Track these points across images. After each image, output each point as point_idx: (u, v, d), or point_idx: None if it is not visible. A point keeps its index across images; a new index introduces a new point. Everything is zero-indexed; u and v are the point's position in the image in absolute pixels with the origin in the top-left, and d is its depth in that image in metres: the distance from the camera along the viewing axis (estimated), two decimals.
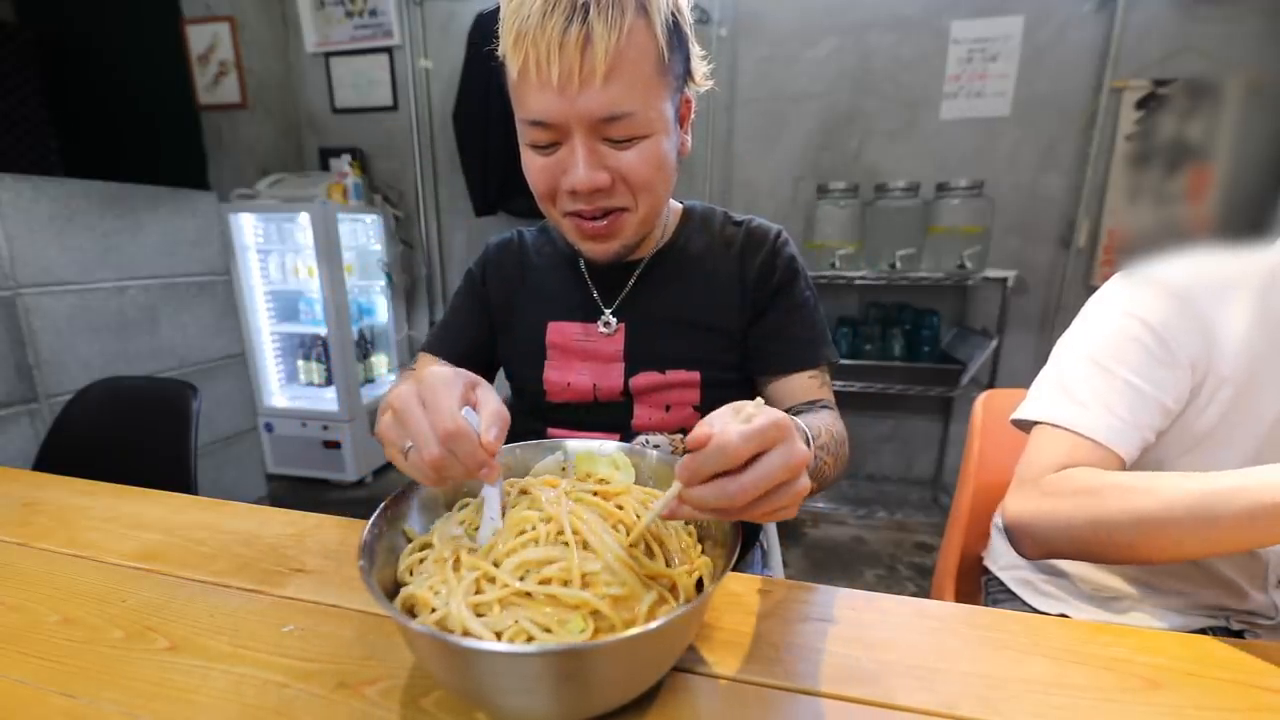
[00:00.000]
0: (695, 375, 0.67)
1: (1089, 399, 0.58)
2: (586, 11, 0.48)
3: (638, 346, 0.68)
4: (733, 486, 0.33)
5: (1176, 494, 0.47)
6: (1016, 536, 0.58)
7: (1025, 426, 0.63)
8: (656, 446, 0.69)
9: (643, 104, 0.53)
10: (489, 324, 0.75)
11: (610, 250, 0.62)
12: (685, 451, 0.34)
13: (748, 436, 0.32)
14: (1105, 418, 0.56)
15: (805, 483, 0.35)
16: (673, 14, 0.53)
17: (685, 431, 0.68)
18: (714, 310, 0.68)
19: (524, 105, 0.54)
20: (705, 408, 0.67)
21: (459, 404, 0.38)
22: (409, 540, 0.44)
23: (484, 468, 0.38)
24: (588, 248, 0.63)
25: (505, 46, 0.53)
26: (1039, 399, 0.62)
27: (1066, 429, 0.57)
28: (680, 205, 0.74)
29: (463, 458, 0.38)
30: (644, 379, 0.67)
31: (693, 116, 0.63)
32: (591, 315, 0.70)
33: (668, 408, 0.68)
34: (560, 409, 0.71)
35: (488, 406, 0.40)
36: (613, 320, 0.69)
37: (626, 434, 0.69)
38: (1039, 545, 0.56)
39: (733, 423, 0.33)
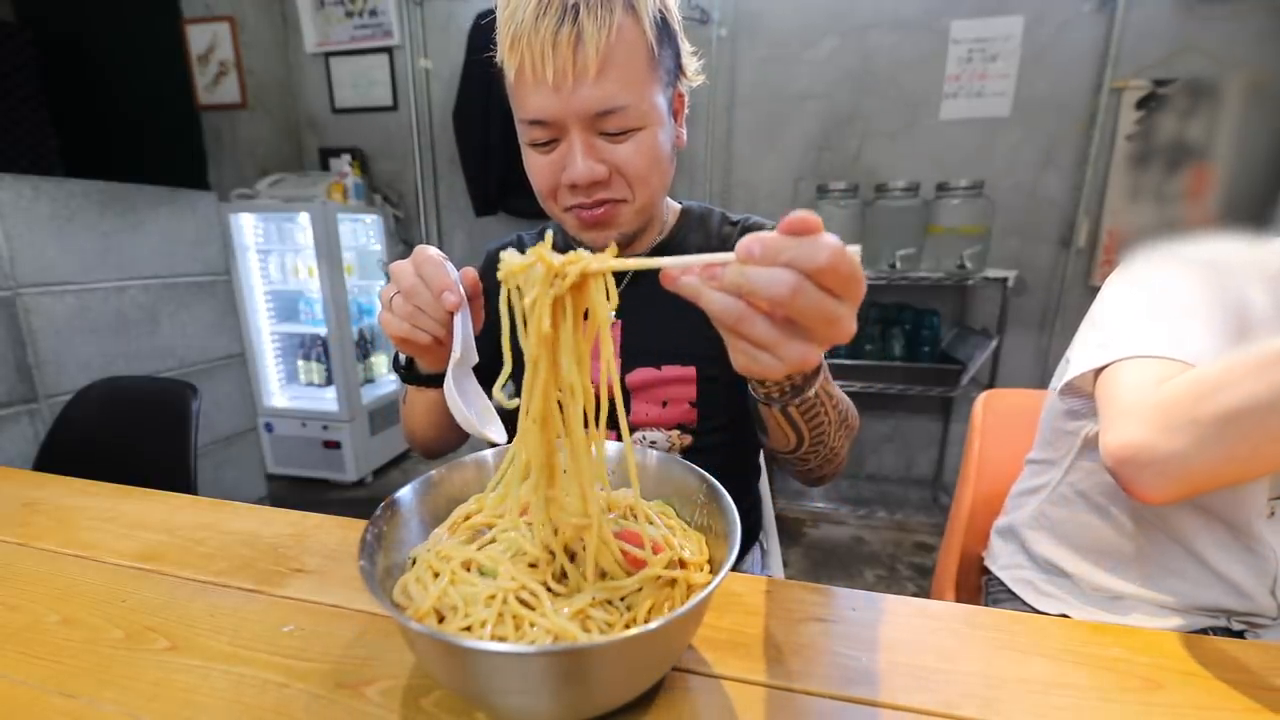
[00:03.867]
0: (691, 371, 0.67)
1: (1167, 328, 0.52)
2: (577, 12, 0.51)
3: (634, 342, 0.69)
4: (803, 264, 0.29)
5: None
6: (1132, 473, 0.46)
7: (1077, 391, 0.62)
8: (654, 444, 0.69)
9: (635, 97, 0.55)
10: (493, 329, 0.75)
11: (608, 238, 0.63)
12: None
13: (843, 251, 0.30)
14: (1196, 339, 0.50)
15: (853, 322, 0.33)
16: (660, 11, 0.55)
17: (683, 427, 0.69)
18: None
19: (522, 106, 0.56)
20: (702, 403, 0.68)
21: (442, 258, 0.48)
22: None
23: (446, 290, 0.46)
24: (588, 237, 0.64)
25: (502, 50, 0.55)
26: (1101, 348, 0.55)
27: (1154, 356, 0.50)
28: (678, 205, 0.74)
29: (429, 279, 0.47)
30: (640, 375, 0.68)
31: (686, 111, 0.65)
32: (585, 314, 0.70)
33: (664, 403, 0.68)
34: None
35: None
36: (611, 315, 0.69)
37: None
38: (1164, 476, 0.45)
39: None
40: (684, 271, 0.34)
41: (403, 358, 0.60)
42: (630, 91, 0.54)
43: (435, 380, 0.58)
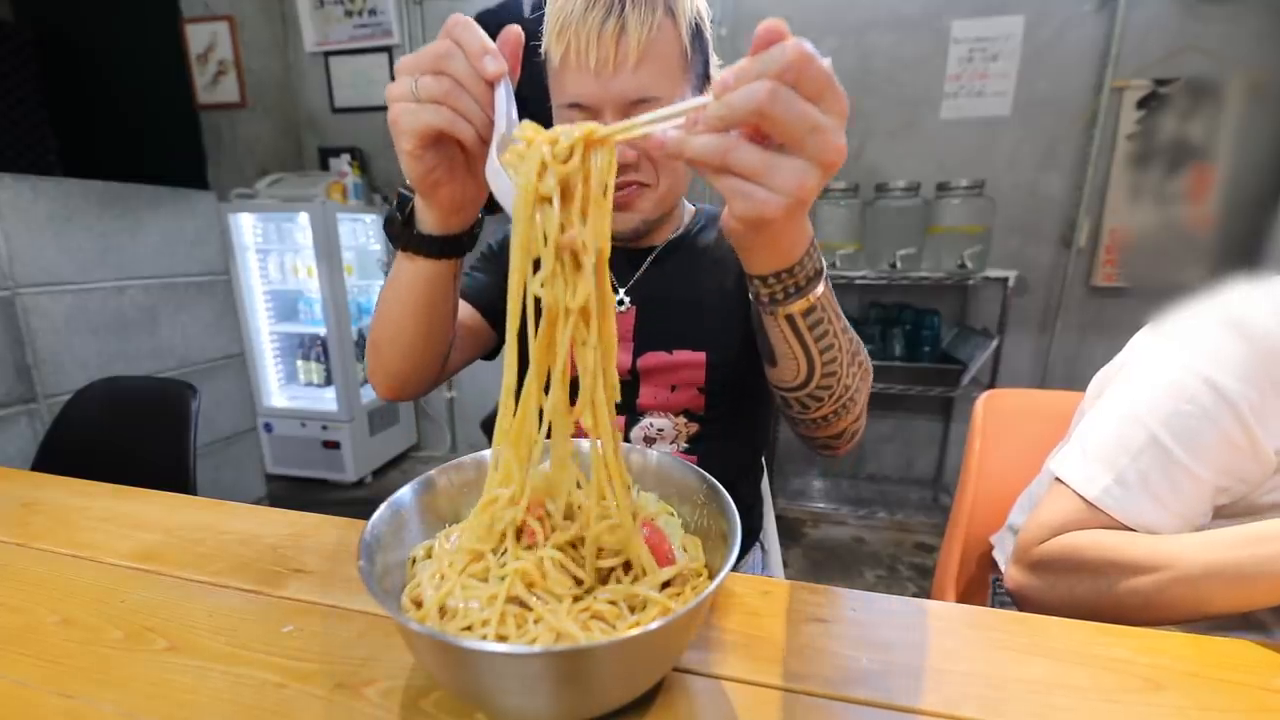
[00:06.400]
0: (701, 356, 0.69)
1: (1135, 480, 0.51)
2: (623, 7, 0.55)
3: (646, 327, 0.70)
4: (784, 90, 0.29)
5: (1187, 565, 0.45)
6: (1023, 606, 0.56)
7: None
8: (660, 431, 0.70)
9: (668, 90, 0.58)
10: (502, 295, 0.75)
11: (631, 222, 0.66)
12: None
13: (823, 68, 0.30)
14: (1149, 507, 0.51)
15: (841, 140, 0.32)
16: (695, 20, 0.60)
17: (689, 413, 0.70)
18: (720, 293, 0.70)
19: (563, 90, 0.59)
20: (711, 389, 0.69)
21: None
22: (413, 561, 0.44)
23: (487, 55, 0.39)
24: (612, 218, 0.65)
25: (549, 39, 0.58)
26: (1082, 462, 0.55)
27: (1100, 508, 0.52)
28: (694, 207, 0.78)
29: (466, 45, 0.39)
30: (651, 359, 0.69)
31: None
32: None
33: (673, 388, 0.70)
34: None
35: None
36: (625, 300, 0.71)
37: (632, 414, 0.71)
38: (1041, 610, 0.54)
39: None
40: (667, 133, 0.34)
41: (406, 201, 0.51)
42: (664, 84, 0.57)
43: (438, 247, 0.51)
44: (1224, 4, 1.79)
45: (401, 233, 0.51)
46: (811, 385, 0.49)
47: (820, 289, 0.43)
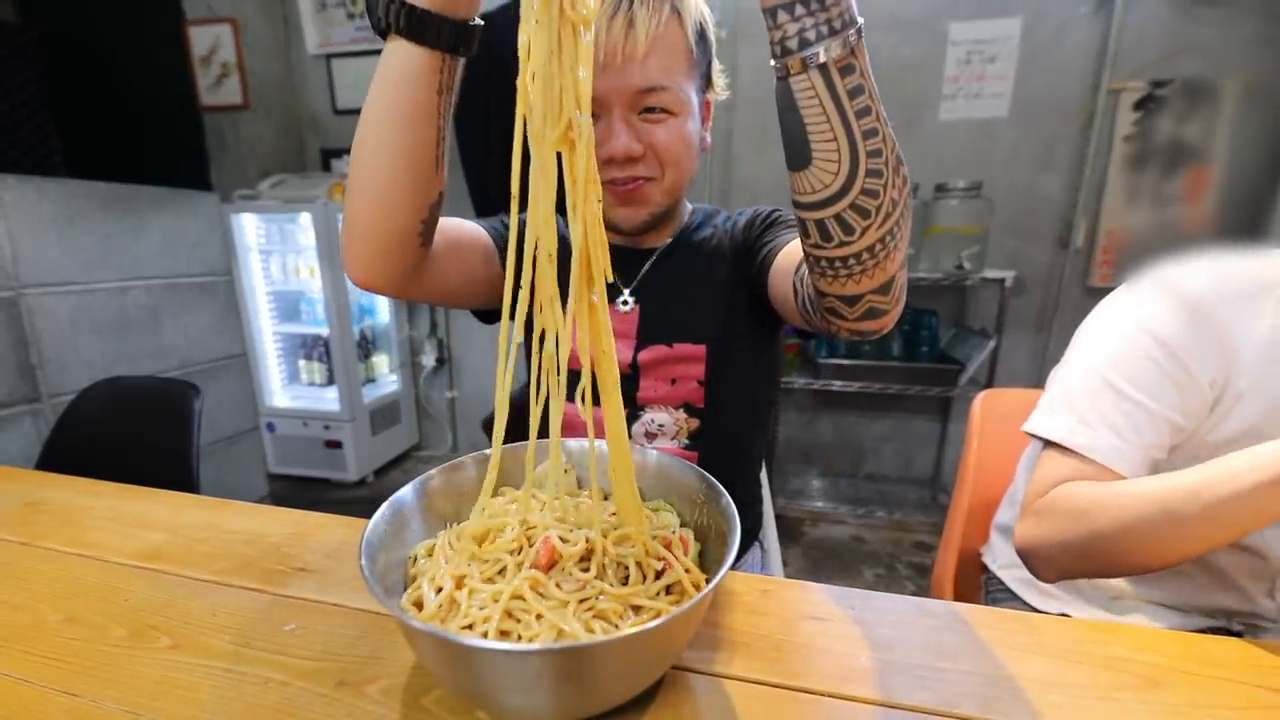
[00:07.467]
0: (701, 349, 0.69)
1: (1096, 420, 0.57)
2: (631, 3, 0.57)
3: (649, 323, 0.71)
4: None
5: (1160, 492, 0.48)
6: (1029, 563, 0.58)
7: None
8: (660, 426, 0.70)
9: (674, 82, 0.60)
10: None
11: (639, 216, 0.67)
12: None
13: None
14: (1111, 440, 0.56)
15: None
16: (700, 22, 0.62)
17: (689, 407, 0.71)
18: (719, 285, 0.71)
19: None
20: (711, 381, 0.70)
21: None
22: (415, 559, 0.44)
23: None
24: (621, 213, 0.67)
25: None
26: (1049, 414, 0.61)
27: (1073, 451, 0.57)
28: (692, 206, 0.79)
29: None
30: (652, 353, 0.70)
31: (711, 121, 0.69)
32: (609, 297, 0.72)
33: (674, 381, 0.70)
34: (569, 379, 0.72)
35: None
36: (630, 299, 0.72)
37: (633, 408, 0.71)
38: (1050, 569, 0.57)
39: None
40: None
41: None
42: (671, 77, 0.59)
43: (421, 26, 0.44)
44: (1219, 6, 1.79)
45: (387, 15, 0.44)
46: (854, 190, 0.39)
47: (852, 33, 0.38)
